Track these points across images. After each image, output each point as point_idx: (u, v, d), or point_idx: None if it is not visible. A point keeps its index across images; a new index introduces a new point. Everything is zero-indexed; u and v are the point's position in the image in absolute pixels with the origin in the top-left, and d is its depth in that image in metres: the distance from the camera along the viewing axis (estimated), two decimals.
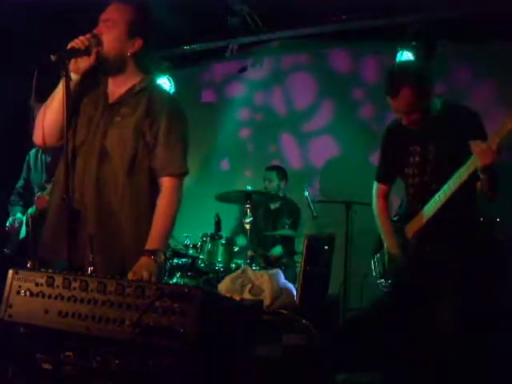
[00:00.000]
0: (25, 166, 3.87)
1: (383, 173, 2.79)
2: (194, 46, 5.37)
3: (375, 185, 2.84)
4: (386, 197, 2.81)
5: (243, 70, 5.51)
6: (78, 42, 1.99)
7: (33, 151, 3.85)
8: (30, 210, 3.67)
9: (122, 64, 2.15)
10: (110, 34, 2.08)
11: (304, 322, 1.91)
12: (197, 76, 5.98)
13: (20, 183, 3.90)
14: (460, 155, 2.31)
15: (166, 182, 2.15)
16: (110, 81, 2.20)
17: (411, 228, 2.50)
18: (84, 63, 2.03)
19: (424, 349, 2.42)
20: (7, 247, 3.74)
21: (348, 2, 4.37)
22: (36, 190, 3.74)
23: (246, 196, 3.95)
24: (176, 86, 5.54)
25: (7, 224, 3.77)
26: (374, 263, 2.81)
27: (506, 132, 2.11)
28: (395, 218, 2.76)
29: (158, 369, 1.30)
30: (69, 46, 1.98)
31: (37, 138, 2.12)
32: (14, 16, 4.19)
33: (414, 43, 4.47)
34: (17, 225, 3.71)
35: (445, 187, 2.34)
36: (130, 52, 2.14)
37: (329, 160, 5.27)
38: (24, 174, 3.88)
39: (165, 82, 5.43)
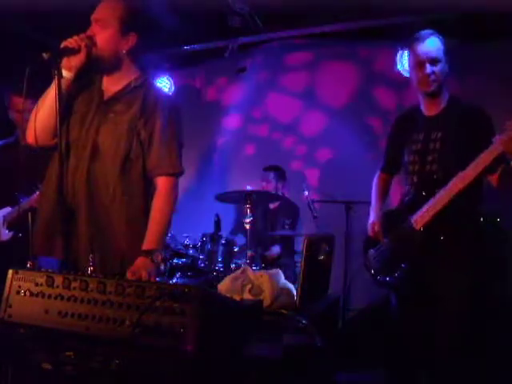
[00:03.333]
0: None
1: (386, 162, 2.84)
2: (194, 45, 5.37)
3: (377, 174, 2.89)
4: (385, 181, 2.87)
5: (242, 70, 5.50)
6: (71, 42, 1.98)
7: None
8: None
9: (118, 62, 2.14)
10: (104, 33, 2.06)
11: (304, 322, 1.91)
12: (197, 76, 5.98)
13: None
14: (466, 147, 2.37)
15: (161, 182, 2.13)
16: (105, 78, 2.19)
17: (420, 219, 2.43)
18: (76, 61, 2.01)
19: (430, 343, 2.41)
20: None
21: (348, 2, 4.37)
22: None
23: (246, 196, 3.95)
24: (176, 85, 5.54)
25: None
26: (369, 259, 2.73)
27: None
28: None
29: (158, 369, 1.30)
30: (62, 46, 1.97)
31: (29, 137, 2.09)
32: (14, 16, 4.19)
33: None
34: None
35: (461, 175, 2.31)
36: (125, 49, 2.12)
37: (329, 160, 5.26)
38: None
39: (165, 82, 5.44)
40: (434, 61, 2.47)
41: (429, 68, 2.47)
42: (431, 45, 2.50)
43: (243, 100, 5.69)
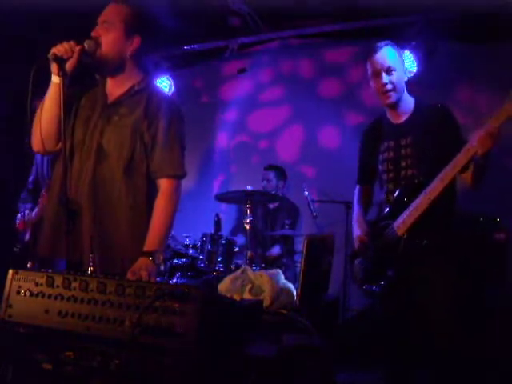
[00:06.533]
0: (34, 161, 3.70)
1: (360, 174, 2.86)
2: (194, 46, 5.37)
3: (356, 188, 2.90)
4: (365, 192, 2.86)
5: (242, 70, 5.50)
6: (61, 50, 1.94)
7: None
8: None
9: (122, 64, 2.15)
10: (109, 35, 2.08)
11: (304, 322, 1.91)
12: (197, 76, 5.98)
13: (30, 179, 3.72)
14: (438, 148, 2.40)
15: (164, 184, 2.15)
16: (109, 81, 2.20)
17: (402, 225, 2.43)
18: (69, 65, 2.00)
19: (420, 344, 2.41)
20: (16, 246, 3.57)
21: (348, 1, 4.37)
22: (43, 186, 3.59)
23: (246, 196, 3.95)
24: (176, 85, 5.54)
25: (17, 222, 3.59)
26: (355, 270, 2.73)
27: (504, 117, 2.16)
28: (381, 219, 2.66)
29: (158, 369, 1.30)
30: (51, 53, 1.93)
31: (35, 144, 2.11)
32: (14, 16, 4.19)
33: (413, 43, 4.48)
34: (26, 220, 3.53)
35: (439, 177, 2.30)
36: (129, 51, 2.14)
37: (329, 160, 5.26)
38: (34, 170, 3.71)
39: (165, 82, 5.44)
40: (389, 70, 2.53)
41: (385, 77, 2.53)
42: (386, 54, 2.56)
43: (243, 100, 5.69)
